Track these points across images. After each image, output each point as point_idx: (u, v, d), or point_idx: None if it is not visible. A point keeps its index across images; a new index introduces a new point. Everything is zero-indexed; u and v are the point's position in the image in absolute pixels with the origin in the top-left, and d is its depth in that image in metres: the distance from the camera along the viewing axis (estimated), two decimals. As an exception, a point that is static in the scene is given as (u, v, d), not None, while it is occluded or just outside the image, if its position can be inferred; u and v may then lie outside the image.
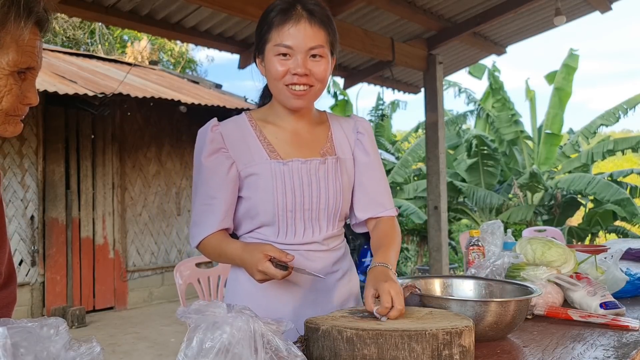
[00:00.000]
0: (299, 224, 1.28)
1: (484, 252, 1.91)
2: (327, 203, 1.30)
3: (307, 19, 1.20)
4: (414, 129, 11.66)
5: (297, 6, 1.21)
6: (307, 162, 1.28)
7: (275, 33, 1.21)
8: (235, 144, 1.28)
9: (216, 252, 1.28)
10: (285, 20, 1.20)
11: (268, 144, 1.29)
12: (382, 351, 0.93)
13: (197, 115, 7.06)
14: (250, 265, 1.15)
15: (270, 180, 1.25)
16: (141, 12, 3.81)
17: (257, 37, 1.28)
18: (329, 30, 1.24)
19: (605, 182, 8.10)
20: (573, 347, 1.16)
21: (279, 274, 1.12)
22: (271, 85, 1.27)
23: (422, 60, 5.14)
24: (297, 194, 1.26)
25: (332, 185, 1.30)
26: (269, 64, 1.23)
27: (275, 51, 1.21)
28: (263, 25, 1.25)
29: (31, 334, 0.65)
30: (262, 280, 1.16)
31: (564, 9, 4.62)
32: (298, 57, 1.20)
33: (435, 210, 5.14)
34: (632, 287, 1.70)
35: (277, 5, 1.23)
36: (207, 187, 1.26)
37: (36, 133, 5.77)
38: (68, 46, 13.00)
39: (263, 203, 1.25)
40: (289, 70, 1.20)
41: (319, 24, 1.21)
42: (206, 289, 2.08)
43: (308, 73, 1.20)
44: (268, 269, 1.12)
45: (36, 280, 5.69)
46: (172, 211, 6.99)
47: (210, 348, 0.76)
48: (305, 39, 1.19)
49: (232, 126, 1.31)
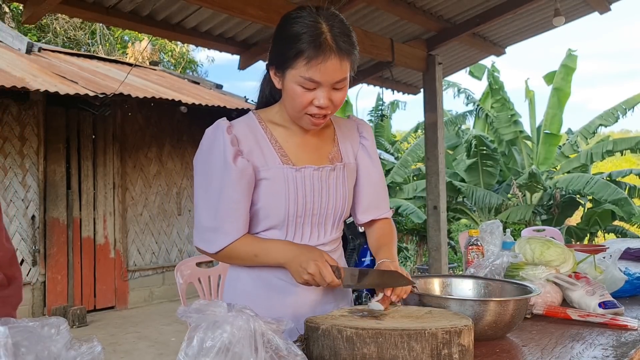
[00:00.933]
0: (306, 228, 1.30)
1: (483, 252, 1.91)
2: (335, 208, 1.32)
3: (337, 53, 1.14)
4: (413, 129, 11.67)
5: (327, 36, 1.14)
6: (319, 169, 1.29)
7: (302, 64, 1.14)
8: (249, 147, 1.26)
9: (251, 253, 1.25)
10: (315, 55, 1.13)
11: (280, 148, 1.28)
12: (382, 350, 0.93)
13: (197, 115, 7.07)
14: (307, 260, 1.15)
15: (282, 186, 1.24)
16: (142, 13, 3.81)
17: (278, 53, 1.20)
18: (354, 56, 1.20)
19: (604, 182, 8.11)
20: (572, 347, 1.17)
21: (334, 280, 1.13)
22: (288, 106, 1.24)
23: (421, 60, 5.15)
24: (307, 199, 1.27)
25: (340, 191, 1.33)
26: (290, 89, 1.19)
27: (300, 81, 1.16)
28: (287, 46, 1.16)
29: (32, 333, 0.65)
30: (306, 281, 1.15)
31: (563, 9, 4.62)
32: (323, 90, 1.17)
33: (435, 210, 5.15)
34: (630, 286, 1.70)
35: (304, 31, 1.14)
36: (232, 191, 1.21)
37: (37, 133, 5.77)
38: (69, 47, 13.00)
39: (274, 207, 1.25)
40: (312, 101, 1.18)
41: (346, 55, 1.17)
42: (207, 289, 2.08)
43: (330, 104, 1.20)
44: (326, 267, 1.13)
45: (37, 279, 5.69)
46: (173, 211, 7.00)
47: (210, 347, 0.77)
48: (333, 75, 1.16)
49: (245, 128, 1.28)
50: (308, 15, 1.17)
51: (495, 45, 5.59)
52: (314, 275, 1.13)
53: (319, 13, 1.17)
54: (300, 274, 1.15)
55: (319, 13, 1.17)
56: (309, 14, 1.17)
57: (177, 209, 7.03)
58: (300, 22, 1.16)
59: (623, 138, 8.96)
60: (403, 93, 6.35)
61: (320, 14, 1.17)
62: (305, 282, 1.16)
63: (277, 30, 1.22)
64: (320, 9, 1.19)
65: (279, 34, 1.21)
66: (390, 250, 1.34)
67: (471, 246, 1.91)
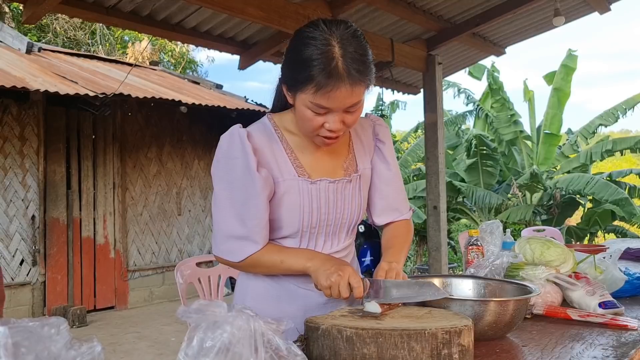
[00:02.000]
0: (320, 237, 1.30)
1: (483, 252, 1.91)
2: (350, 217, 1.32)
3: (348, 80, 1.09)
4: (413, 129, 11.66)
5: (338, 62, 1.08)
6: (335, 182, 1.28)
7: (313, 90, 1.10)
8: (266, 158, 1.24)
9: (277, 261, 1.23)
10: (325, 84, 1.09)
11: (295, 159, 1.27)
12: (382, 350, 0.93)
13: (197, 115, 7.07)
14: (334, 268, 1.14)
15: (297, 198, 1.24)
16: (142, 13, 3.81)
17: (289, 75, 1.17)
18: (369, 78, 1.14)
19: (604, 182, 8.11)
20: (572, 347, 1.17)
21: (360, 292, 1.11)
22: (300, 125, 1.23)
23: (421, 61, 5.14)
24: (322, 211, 1.27)
25: (356, 201, 1.33)
26: (301, 111, 1.17)
27: (310, 106, 1.14)
28: (298, 70, 1.12)
29: (32, 333, 0.65)
30: (329, 287, 1.13)
31: (563, 9, 4.61)
32: (334, 115, 1.15)
33: (435, 210, 5.14)
34: (630, 286, 1.70)
35: (315, 57, 1.09)
36: (258, 200, 1.19)
37: (37, 133, 5.77)
38: (69, 47, 13.00)
39: (288, 219, 1.25)
40: (323, 125, 1.16)
41: (360, 80, 1.11)
42: (207, 289, 2.08)
43: (342, 127, 1.17)
44: (356, 277, 1.12)
45: (37, 279, 5.69)
46: (173, 211, 7.00)
47: (210, 347, 0.77)
48: (344, 102, 1.12)
49: (262, 137, 1.26)
50: (321, 36, 1.10)
51: (495, 45, 5.58)
52: (331, 287, 1.13)
53: (333, 33, 1.11)
54: (325, 280, 1.14)
55: (332, 32, 1.11)
56: (322, 35, 1.10)
57: (177, 209, 7.04)
58: (312, 45, 1.10)
59: (623, 138, 8.96)
60: (403, 93, 6.34)
61: (334, 34, 1.10)
62: (327, 289, 1.14)
63: (289, 49, 1.18)
64: (335, 27, 1.12)
65: (290, 54, 1.17)
66: (397, 253, 1.31)
67: (471, 246, 1.91)
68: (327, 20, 1.14)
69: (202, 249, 7.22)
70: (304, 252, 1.25)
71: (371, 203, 1.42)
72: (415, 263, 9.65)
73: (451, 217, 10.08)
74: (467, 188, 8.99)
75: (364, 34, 1.17)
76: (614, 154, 8.95)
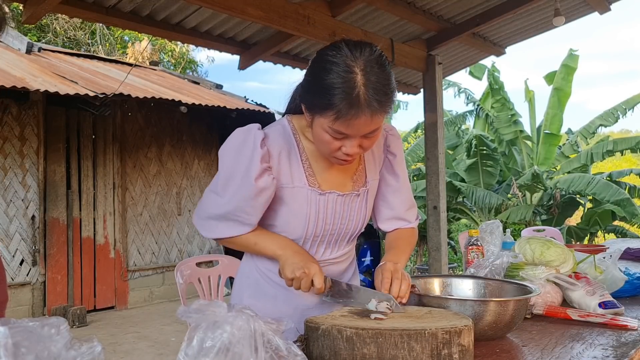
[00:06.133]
0: (321, 245, 1.32)
1: (483, 252, 1.92)
2: (353, 228, 1.34)
3: (369, 109, 1.07)
4: (413, 129, 11.67)
5: (360, 91, 1.06)
6: (343, 195, 1.29)
7: (333, 118, 1.08)
8: (279, 163, 1.24)
9: (251, 242, 1.26)
10: (345, 112, 1.07)
11: (308, 167, 1.27)
12: (382, 350, 0.93)
13: (197, 115, 7.08)
14: (302, 264, 1.17)
15: (305, 207, 1.25)
16: (142, 13, 3.81)
17: (308, 98, 1.15)
18: (390, 106, 1.12)
19: (604, 182, 8.11)
20: (572, 347, 1.17)
21: (319, 292, 1.15)
22: (316, 144, 1.21)
23: (421, 60, 5.14)
24: (327, 222, 1.28)
25: (362, 214, 1.34)
26: (319, 133, 1.15)
27: (328, 130, 1.12)
28: (318, 95, 1.10)
29: (32, 333, 0.65)
30: (292, 279, 1.17)
31: (563, 9, 4.61)
32: (351, 140, 1.14)
33: (435, 210, 5.14)
34: (630, 286, 1.70)
35: (337, 85, 1.06)
36: (244, 204, 1.21)
37: (37, 133, 5.77)
38: (69, 47, 13.01)
39: (293, 225, 1.27)
40: (340, 148, 1.15)
41: (380, 110, 1.09)
42: (206, 289, 2.08)
43: (359, 150, 1.17)
44: (320, 277, 1.15)
45: (37, 279, 5.69)
46: (173, 211, 7.00)
47: (210, 347, 0.77)
48: (363, 129, 1.11)
49: (280, 140, 1.25)
50: (343, 62, 1.07)
51: (495, 45, 5.58)
52: (296, 279, 1.16)
53: (356, 58, 1.07)
54: (291, 272, 1.17)
55: (355, 58, 1.07)
56: (345, 62, 1.07)
57: (177, 209, 7.04)
58: (334, 71, 1.07)
59: (623, 138, 8.96)
60: (403, 93, 6.34)
61: (358, 60, 1.07)
62: (289, 281, 1.18)
63: (310, 71, 1.16)
64: (359, 51, 1.09)
65: (311, 78, 1.15)
66: (398, 254, 1.32)
67: (471, 246, 1.91)
68: (351, 43, 1.11)
69: (202, 249, 7.21)
70: (278, 239, 1.26)
71: (377, 211, 1.42)
72: (415, 263, 9.65)
73: (451, 217, 10.08)
74: (467, 188, 8.99)
75: (387, 59, 1.15)
76: (614, 154, 8.95)
